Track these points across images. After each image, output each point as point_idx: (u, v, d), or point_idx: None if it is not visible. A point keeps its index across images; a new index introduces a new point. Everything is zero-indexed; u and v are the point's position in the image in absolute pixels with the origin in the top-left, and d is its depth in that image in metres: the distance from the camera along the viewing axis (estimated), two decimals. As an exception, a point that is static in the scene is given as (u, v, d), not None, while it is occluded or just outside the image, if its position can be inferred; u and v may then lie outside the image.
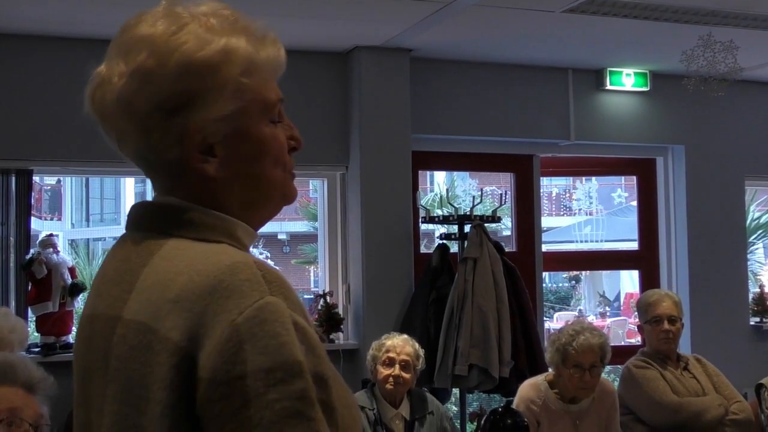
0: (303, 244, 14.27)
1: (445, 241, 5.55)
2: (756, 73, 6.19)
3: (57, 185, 15.81)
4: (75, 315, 5.10)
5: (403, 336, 4.20)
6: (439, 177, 13.86)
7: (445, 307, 5.21)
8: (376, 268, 5.48)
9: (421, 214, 5.73)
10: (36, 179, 5.40)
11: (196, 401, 1.04)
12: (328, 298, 5.54)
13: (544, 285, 6.65)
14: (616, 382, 4.47)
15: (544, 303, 6.49)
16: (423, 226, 6.01)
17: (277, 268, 1.19)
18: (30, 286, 5.00)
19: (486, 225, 5.39)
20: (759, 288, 6.79)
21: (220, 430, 1.02)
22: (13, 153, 5.05)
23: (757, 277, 7.37)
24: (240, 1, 1.23)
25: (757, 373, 4.62)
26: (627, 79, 6.23)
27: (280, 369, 1.02)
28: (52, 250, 5.06)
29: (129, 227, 1.23)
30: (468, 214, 5.47)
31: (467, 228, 5.39)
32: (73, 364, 1.26)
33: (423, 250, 6.13)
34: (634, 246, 6.90)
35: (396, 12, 4.80)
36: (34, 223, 5.46)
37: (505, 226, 7.43)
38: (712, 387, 4.29)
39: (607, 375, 4.26)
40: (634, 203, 7.17)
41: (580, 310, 13.60)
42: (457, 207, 5.64)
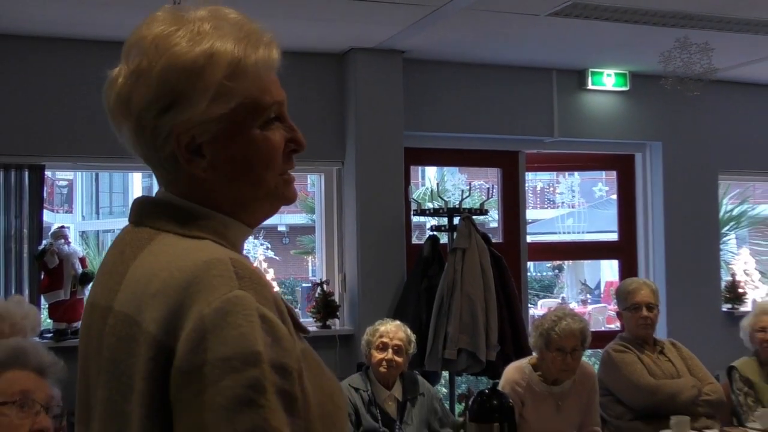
0: (301, 236, 14.27)
1: (435, 233, 5.55)
2: (730, 73, 6.19)
3: (69, 181, 15.77)
4: (85, 302, 5.10)
5: (396, 322, 4.20)
6: (430, 172, 13.85)
7: (436, 294, 5.21)
8: (370, 258, 5.48)
9: (413, 207, 5.73)
10: (48, 174, 5.37)
11: (165, 388, 1.04)
12: (325, 287, 5.54)
13: (528, 274, 6.65)
14: (597, 366, 4.47)
15: (528, 291, 6.49)
16: (415, 219, 6.01)
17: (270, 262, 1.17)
18: (42, 275, 5.00)
19: (474, 217, 5.39)
20: (731, 276, 6.80)
21: (180, 415, 1.02)
22: (26, 149, 5.04)
23: (729, 266, 7.35)
24: (241, 4, 1.22)
25: (729, 356, 4.64)
26: (608, 79, 6.24)
27: (237, 358, 1.01)
28: (63, 241, 5.06)
29: (129, 221, 1.23)
30: (457, 207, 5.47)
31: (456, 220, 5.39)
32: (78, 349, 1.27)
33: (415, 241, 6.12)
34: (613, 237, 6.90)
35: (389, 15, 4.79)
36: (47, 216, 5.44)
37: (492, 219, 7.42)
38: (686, 369, 4.30)
39: (588, 358, 4.26)
40: (614, 197, 7.17)
41: (562, 297, 13.61)
42: (446, 200, 5.64)
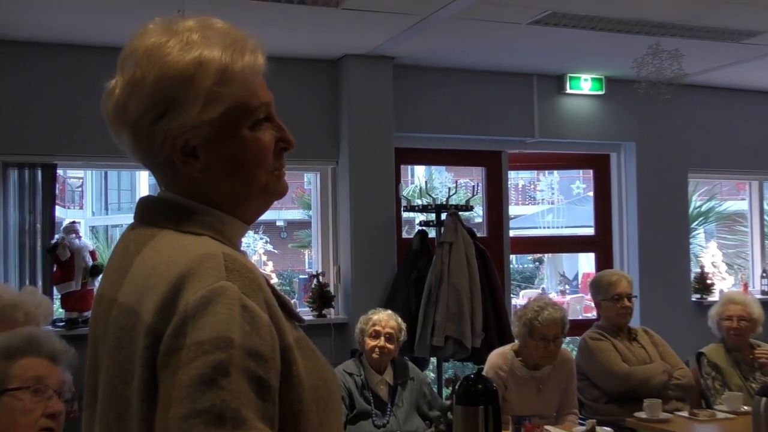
0: (298, 230, 14.23)
1: (424, 228, 5.55)
2: (699, 78, 6.22)
3: (80, 179, 15.69)
4: (95, 293, 5.09)
5: (388, 311, 4.20)
6: (419, 170, 13.83)
7: (424, 285, 5.21)
8: (363, 251, 5.48)
9: (403, 203, 5.73)
10: (60, 172, 5.36)
11: (154, 375, 1.04)
12: (320, 278, 5.54)
13: (511, 266, 6.65)
14: (575, 352, 4.48)
15: (511, 282, 6.50)
16: (404, 214, 6.00)
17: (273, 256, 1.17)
18: (55, 268, 4.99)
19: (460, 213, 5.40)
20: (700, 268, 6.83)
21: (161, 394, 1.02)
22: (39, 149, 5.02)
23: (698, 258, 7.39)
24: (244, 15, 1.22)
25: (698, 343, 4.66)
26: (585, 84, 6.25)
27: (209, 342, 1.00)
28: (74, 235, 5.05)
29: (134, 218, 1.23)
30: (444, 203, 5.48)
31: (444, 216, 5.39)
32: (87, 337, 1.27)
33: (404, 235, 6.12)
34: (590, 231, 6.92)
35: (380, 24, 4.78)
36: (58, 212, 5.41)
37: (477, 214, 7.42)
38: (658, 355, 4.32)
39: (566, 345, 4.27)
40: (591, 194, 7.18)
41: (543, 288, 13.63)
42: (434, 197, 5.64)
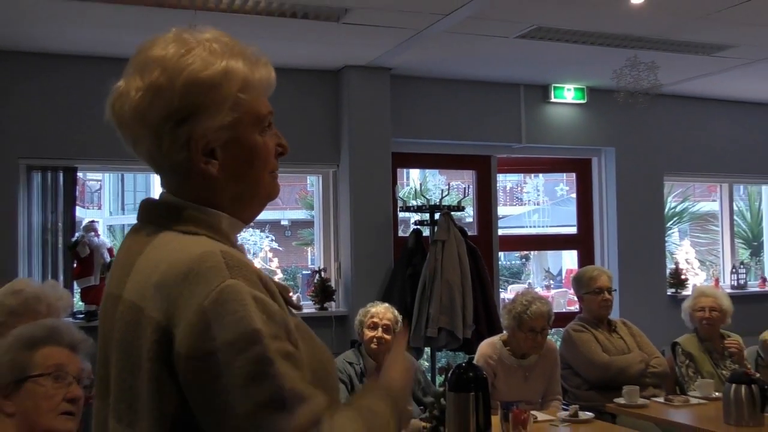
0: (302, 229, 14.21)
1: (418, 227, 5.55)
2: (674, 88, 6.23)
3: (98, 181, 15.66)
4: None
5: (385, 304, 4.19)
6: (414, 173, 13.81)
7: (419, 280, 5.21)
8: (362, 248, 5.48)
9: (399, 204, 5.73)
10: (80, 175, 5.35)
11: (176, 369, 1.04)
12: (322, 274, 5.54)
13: (499, 262, 6.65)
14: (559, 342, 4.49)
15: (499, 277, 6.50)
16: (400, 214, 6.00)
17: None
18: (75, 264, 4.98)
19: (452, 213, 5.40)
20: (674, 265, 6.84)
21: (201, 397, 1.03)
22: (61, 154, 5.02)
23: (673, 255, 7.39)
24: (249, 28, 1.22)
25: (673, 333, 4.67)
26: (568, 93, 6.26)
27: (241, 340, 1.01)
28: (93, 233, 5.05)
29: (138, 219, 1.23)
30: (438, 204, 5.48)
31: (437, 216, 5.39)
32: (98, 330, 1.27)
33: (401, 234, 6.12)
34: (573, 230, 6.92)
35: (379, 38, 4.78)
36: (78, 212, 5.40)
37: (468, 214, 7.42)
38: (636, 345, 4.32)
39: (551, 336, 4.27)
40: (574, 195, 7.18)
41: (529, 283, 13.59)
42: (428, 198, 5.64)
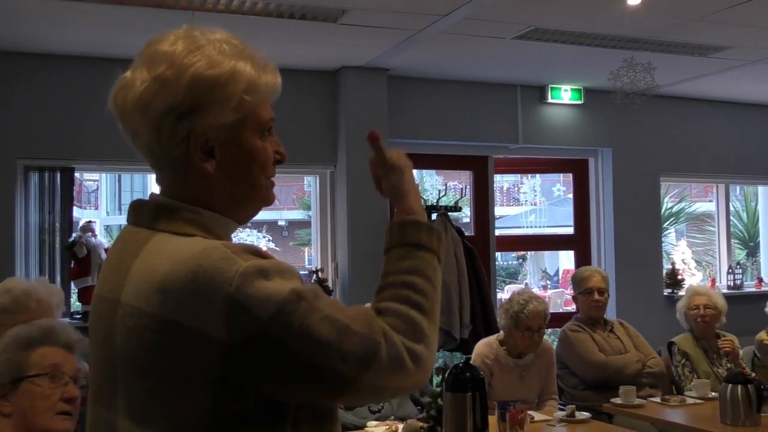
0: (299, 230, 14.21)
1: (416, 227, 5.53)
2: (670, 89, 6.23)
3: (95, 182, 15.65)
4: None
5: (381, 304, 4.18)
6: (411, 174, 13.81)
7: (416, 280, 5.20)
8: (359, 248, 5.47)
9: (396, 204, 5.72)
10: (77, 176, 5.34)
11: (201, 365, 1.03)
12: (319, 274, 5.54)
13: (496, 263, 6.65)
14: (555, 342, 4.49)
15: (496, 277, 6.50)
16: (398, 215, 5.99)
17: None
18: (73, 264, 4.98)
19: (449, 213, 5.40)
20: (671, 265, 6.85)
21: (267, 374, 1.03)
22: (58, 154, 5.01)
23: (670, 256, 7.40)
24: (249, 28, 1.21)
25: (669, 333, 4.67)
26: (565, 94, 6.25)
27: (284, 306, 1.03)
28: (90, 234, 5.04)
29: (128, 221, 1.22)
30: (435, 204, 5.48)
31: (434, 216, 5.39)
32: (89, 332, 1.25)
33: (398, 234, 6.11)
34: (570, 231, 6.92)
35: (376, 39, 4.78)
36: (76, 212, 5.40)
37: (465, 215, 7.42)
38: (632, 345, 4.32)
39: (547, 336, 4.28)
40: (570, 196, 7.19)
41: (526, 283, 13.60)
42: (425, 199, 5.64)
